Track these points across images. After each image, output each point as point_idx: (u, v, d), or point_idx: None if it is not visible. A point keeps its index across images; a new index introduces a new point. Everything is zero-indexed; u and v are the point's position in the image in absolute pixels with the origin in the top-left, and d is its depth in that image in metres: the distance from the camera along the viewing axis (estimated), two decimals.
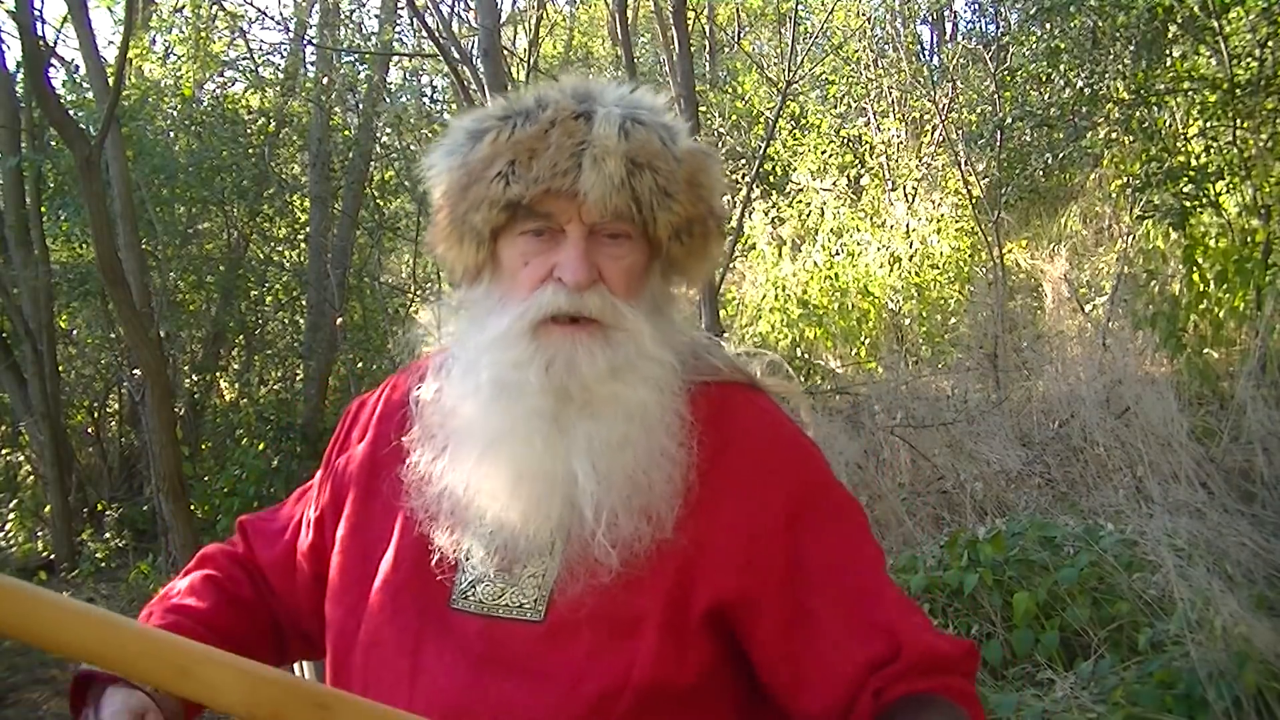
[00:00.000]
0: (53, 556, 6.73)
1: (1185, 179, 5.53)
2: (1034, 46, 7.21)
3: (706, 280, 5.65)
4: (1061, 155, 7.12)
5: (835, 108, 10.48)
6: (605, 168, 0.94)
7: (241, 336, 8.68)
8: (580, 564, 0.97)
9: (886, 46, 10.14)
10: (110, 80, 5.34)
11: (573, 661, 0.97)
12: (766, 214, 9.05)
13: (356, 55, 8.70)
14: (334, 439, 1.22)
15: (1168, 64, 6.03)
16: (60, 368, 7.27)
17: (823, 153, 9.60)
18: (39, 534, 7.15)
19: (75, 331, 8.30)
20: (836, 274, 8.22)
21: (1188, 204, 5.47)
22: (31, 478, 7.66)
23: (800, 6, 8.63)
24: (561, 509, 0.98)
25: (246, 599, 1.18)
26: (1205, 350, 5.29)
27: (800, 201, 9.22)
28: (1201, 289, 5.47)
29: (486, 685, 0.97)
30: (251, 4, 9.18)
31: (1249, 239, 5.51)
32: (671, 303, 1.10)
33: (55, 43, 7.54)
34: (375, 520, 1.10)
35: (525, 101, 1.00)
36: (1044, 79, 7.10)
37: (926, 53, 11.71)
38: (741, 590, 0.99)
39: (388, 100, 8.74)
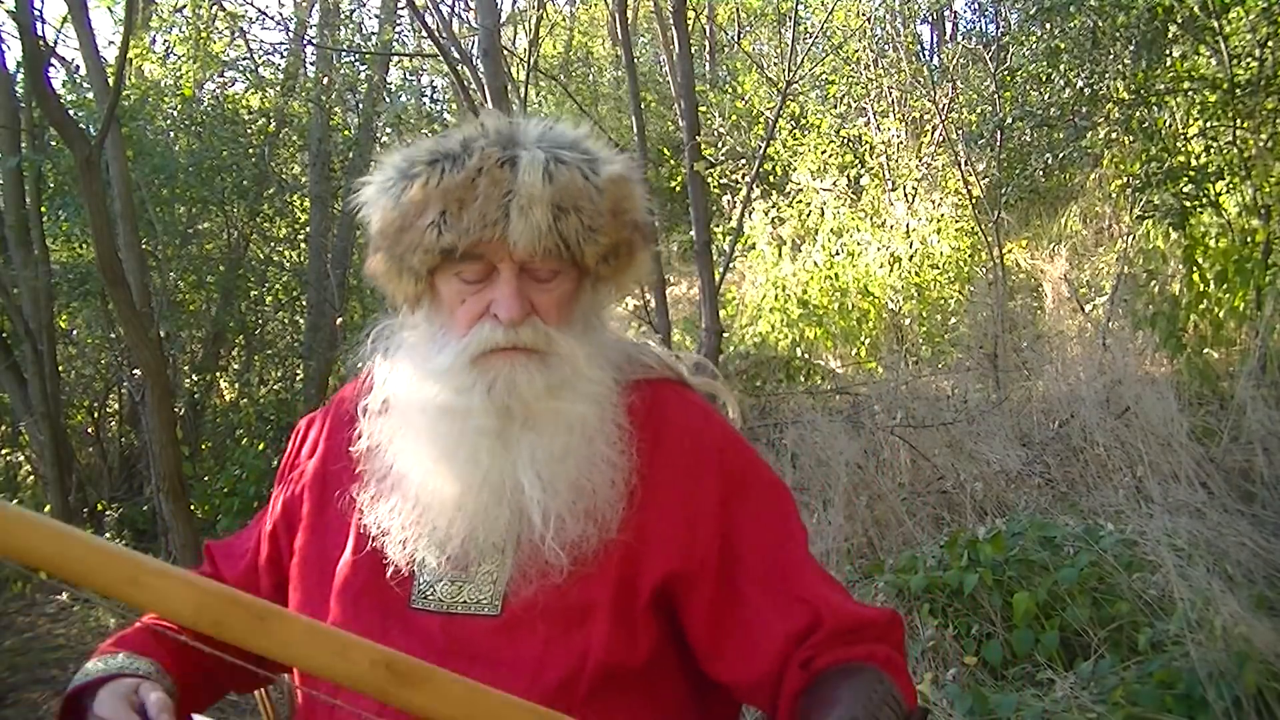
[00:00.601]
0: None
1: (1185, 179, 5.53)
2: (1034, 46, 7.21)
3: (706, 280, 5.67)
4: (1061, 155, 7.12)
5: (835, 108, 10.48)
6: (532, 217, 0.99)
7: (241, 336, 8.67)
8: (532, 564, 1.04)
9: (886, 46, 10.14)
10: (110, 80, 5.33)
11: (532, 652, 1.04)
12: (766, 214, 9.05)
13: (356, 55, 8.70)
14: (286, 457, 1.28)
15: (1168, 64, 6.02)
16: (60, 368, 7.27)
17: (823, 153, 9.60)
18: None
19: (75, 331, 8.29)
20: (836, 274, 8.22)
21: (1188, 204, 5.47)
22: (31, 478, 7.65)
23: (800, 6, 8.62)
24: (510, 516, 1.04)
25: None
26: (1205, 350, 5.29)
27: (800, 201, 9.22)
28: (1201, 289, 5.47)
29: None
30: (251, 4, 9.19)
31: (1249, 239, 5.50)
32: (602, 312, 1.17)
33: (55, 43, 7.52)
34: (331, 530, 1.16)
35: (451, 145, 1.03)
36: (1044, 79, 7.09)
37: (926, 53, 11.74)
38: (682, 569, 1.07)
39: (388, 100, 8.74)
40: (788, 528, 1.13)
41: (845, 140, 9.86)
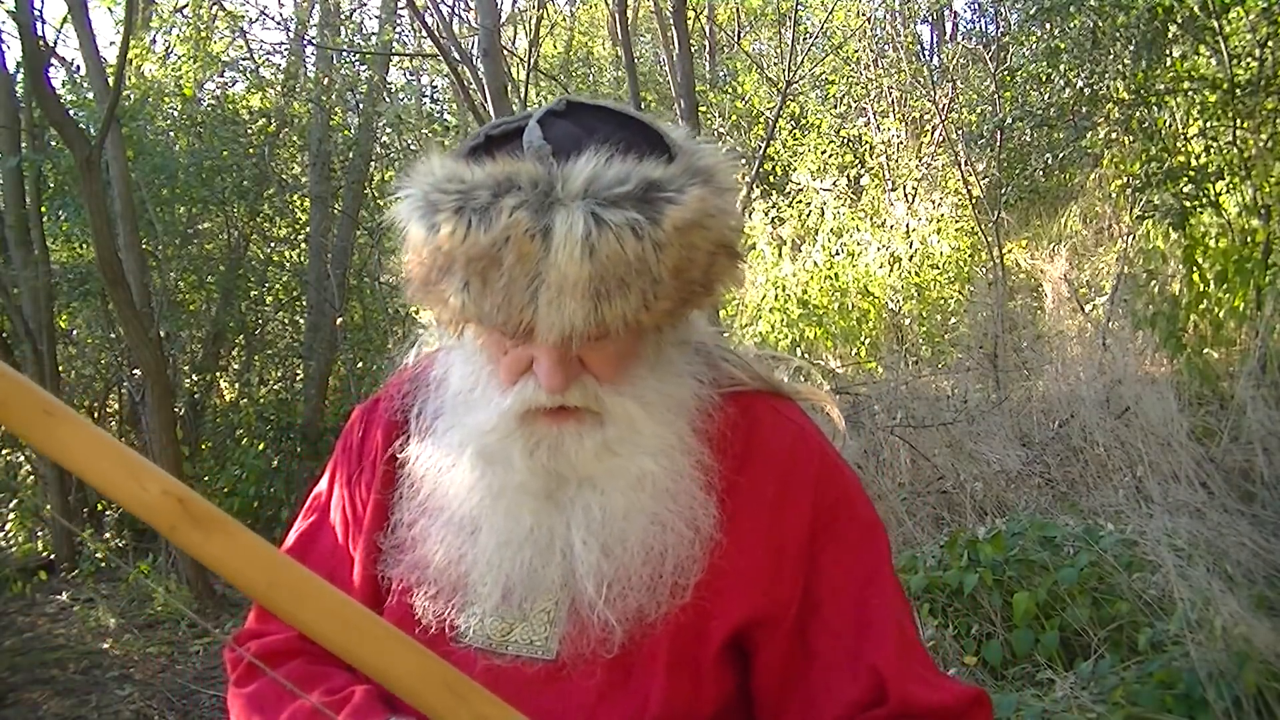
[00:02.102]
0: (53, 556, 6.72)
1: (1185, 179, 5.53)
2: (1034, 46, 7.22)
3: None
4: (1061, 155, 7.12)
5: (835, 108, 10.49)
6: (563, 309, 0.81)
7: (241, 336, 8.68)
8: (589, 627, 0.94)
9: (886, 46, 10.15)
10: (110, 80, 5.34)
11: (585, 702, 0.95)
12: (766, 214, 9.05)
13: (356, 55, 8.70)
14: (341, 461, 1.14)
15: (1168, 64, 6.03)
16: (60, 368, 7.26)
17: (823, 153, 9.61)
18: (39, 534, 7.14)
19: (75, 331, 8.29)
20: (836, 274, 8.23)
21: (1188, 204, 5.47)
22: (31, 478, 7.65)
23: (800, 6, 8.63)
24: (561, 578, 0.94)
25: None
26: (1205, 350, 5.29)
27: (800, 201, 9.23)
28: (1201, 289, 5.47)
29: None
30: (252, 4, 9.19)
31: (1249, 239, 5.50)
32: (682, 329, 1.00)
33: (55, 43, 7.52)
34: (378, 555, 1.06)
35: (480, 189, 0.82)
36: (1044, 79, 7.10)
37: (926, 53, 11.73)
38: (761, 614, 0.97)
39: (388, 100, 8.75)
40: (877, 579, 0.99)
41: (845, 140, 9.87)
